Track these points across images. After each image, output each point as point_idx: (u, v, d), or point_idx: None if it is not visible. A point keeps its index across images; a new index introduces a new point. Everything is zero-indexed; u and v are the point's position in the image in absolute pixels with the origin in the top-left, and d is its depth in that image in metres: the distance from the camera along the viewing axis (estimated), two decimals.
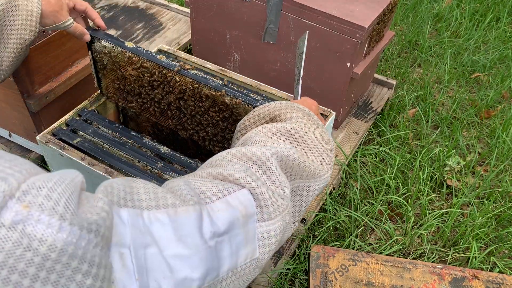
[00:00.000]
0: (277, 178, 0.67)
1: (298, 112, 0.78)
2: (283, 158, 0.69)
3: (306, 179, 0.74)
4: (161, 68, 1.18)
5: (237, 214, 0.60)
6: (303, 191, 0.75)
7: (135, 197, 0.54)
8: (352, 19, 1.48)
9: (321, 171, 0.76)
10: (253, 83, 1.47)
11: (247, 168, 0.65)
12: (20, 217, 0.39)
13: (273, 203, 0.64)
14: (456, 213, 1.58)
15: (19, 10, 0.98)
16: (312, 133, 0.76)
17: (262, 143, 0.71)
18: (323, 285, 1.31)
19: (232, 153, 0.68)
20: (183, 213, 0.55)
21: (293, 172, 0.72)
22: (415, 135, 1.97)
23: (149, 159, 1.23)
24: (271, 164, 0.67)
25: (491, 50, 2.45)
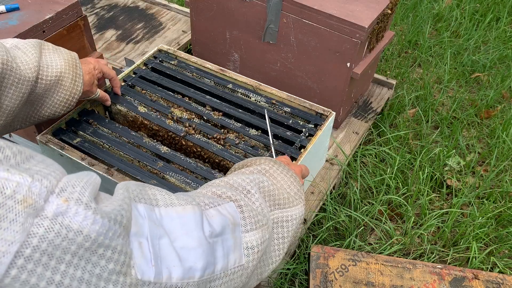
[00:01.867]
0: (256, 200, 0.76)
1: (266, 160, 0.91)
2: (260, 184, 0.79)
3: (283, 208, 0.83)
4: (169, 132, 1.32)
5: (227, 221, 0.68)
6: (283, 222, 0.82)
7: (148, 196, 0.62)
8: (352, 19, 1.48)
9: (294, 201, 0.85)
10: (253, 83, 1.47)
11: (231, 190, 0.75)
12: (61, 209, 0.46)
13: (254, 216, 0.72)
14: (456, 213, 1.58)
15: (63, 90, 1.08)
16: (280, 171, 0.88)
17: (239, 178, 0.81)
18: (323, 285, 1.31)
19: (217, 182, 0.79)
20: (189, 210, 0.63)
21: (270, 199, 0.81)
22: (415, 135, 1.97)
23: (149, 159, 1.23)
24: (250, 188, 0.77)
25: (491, 50, 2.45)
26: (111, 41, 2.15)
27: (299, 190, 0.89)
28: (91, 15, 2.28)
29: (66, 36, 1.36)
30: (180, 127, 1.33)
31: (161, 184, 1.17)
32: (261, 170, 0.86)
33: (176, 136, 1.32)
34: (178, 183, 1.19)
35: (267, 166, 0.88)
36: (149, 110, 1.37)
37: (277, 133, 1.35)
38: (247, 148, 1.29)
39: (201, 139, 1.30)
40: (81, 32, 1.40)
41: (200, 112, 1.38)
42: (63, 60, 1.06)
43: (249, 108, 1.41)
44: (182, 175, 1.20)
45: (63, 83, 1.06)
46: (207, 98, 1.44)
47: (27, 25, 1.24)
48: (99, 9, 2.34)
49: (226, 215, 0.69)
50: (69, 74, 1.07)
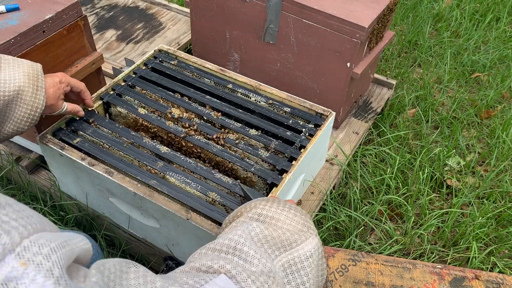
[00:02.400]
0: (253, 257, 0.64)
1: (261, 201, 0.79)
2: (251, 234, 0.68)
3: (290, 249, 0.70)
4: (169, 133, 1.33)
5: None
6: (296, 264, 0.69)
7: (124, 282, 0.52)
8: (352, 19, 1.48)
9: (301, 237, 0.72)
10: (253, 83, 1.47)
11: (220, 258, 0.63)
12: (15, 274, 0.38)
13: (254, 281, 0.60)
14: (456, 213, 1.58)
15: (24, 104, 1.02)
16: (275, 207, 0.76)
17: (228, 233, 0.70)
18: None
19: (204, 251, 0.67)
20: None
21: (270, 244, 0.69)
22: (415, 135, 1.97)
23: (149, 159, 1.23)
24: (242, 245, 0.65)
25: (491, 50, 2.45)
26: (111, 41, 2.15)
27: (305, 220, 0.76)
28: (91, 15, 2.29)
29: (66, 36, 1.36)
30: (180, 128, 1.33)
31: (162, 184, 1.17)
32: (252, 216, 0.75)
33: (176, 137, 1.32)
34: (178, 183, 1.19)
35: (258, 209, 0.76)
36: (149, 112, 1.37)
37: (277, 133, 1.35)
38: (247, 148, 1.29)
39: (201, 140, 1.30)
40: (81, 32, 1.40)
41: (200, 112, 1.38)
42: (22, 73, 1.02)
43: (249, 108, 1.41)
44: (182, 175, 1.20)
45: (23, 97, 1.01)
46: (207, 98, 1.44)
47: (27, 25, 1.24)
48: (99, 9, 2.34)
49: None
50: (29, 87, 1.02)
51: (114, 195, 1.25)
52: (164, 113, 1.37)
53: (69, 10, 1.33)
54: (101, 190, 1.27)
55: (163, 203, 1.13)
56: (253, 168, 1.23)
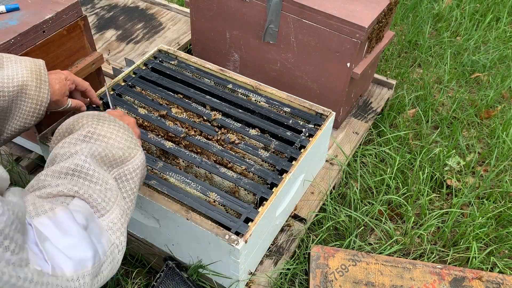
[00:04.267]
0: (97, 178, 0.79)
1: (88, 118, 0.90)
2: (93, 155, 0.81)
3: (122, 164, 0.86)
4: (169, 133, 1.33)
5: (86, 212, 0.74)
6: (126, 175, 0.86)
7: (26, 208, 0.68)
8: (352, 19, 1.48)
9: (130, 154, 0.88)
10: (253, 83, 1.47)
11: (68, 181, 0.77)
12: None
13: (103, 199, 0.77)
14: (456, 213, 1.58)
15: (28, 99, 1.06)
16: (106, 127, 0.88)
17: (67, 154, 0.81)
18: (323, 285, 1.31)
19: (49, 174, 0.78)
20: (60, 211, 0.69)
21: (107, 163, 0.84)
22: (415, 135, 1.97)
23: (149, 159, 1.23)
24: (87, 168, 0.78)
25: (491, 50, 2.45)
26: (111, 41, 2.15)
27: (133, 138, 0.91)
28: (91, 15, 2.28)
29: (66, 36, 1.36)
30: (180, 128, 1.33)
31: (162, 184, 1.17)
32: (86, 134, 0.87)
33: (176, 137, 1.32)
34: (178, 183, 1.19)
35: (91, 127, 0.88)
36: (149, 112, 1.37)
37: (277, 133, 1.35)
38: (247, 148, 1.29)
39: (200, 140, 1.30)
40: (81, 32, 1.40)
41: (200, 112, 1.38)
42: (25, 68, 1.04)
43: (249, 108, 1.41)
44: (182, 175, 1.20)
45: (27, 91, 1.04)
46: (207, 98, 1.44)
47: (27, 25, 1.24)
48: (99, 9, 2.34)
49: (78, 210, 0.73)
50: (33, 82, 1.05)
51: None
52: (165, 115, 1.37)
53: (69, 10, 1.33)
54: None
55: (163, 203, 1.13)
56: (253, 168, 1.23)
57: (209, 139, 1.32)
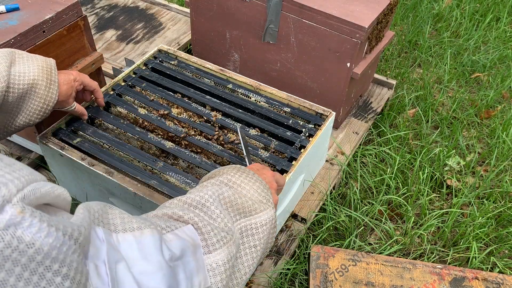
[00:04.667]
0: (218, 216, 0.73)
1: (229, 169, 0.88)
2: (219, 196, 0.77)
3: (250, 216, 0.80)
4: (169, 133, 1.32)
5: (187, 243, 0.66)
6: (252, 229, 0.80)
7: (108, 220, 0.61)
8: (352, 19, 1.48)
9: (260, 207, 0.82)
10: (253, 83, 1.47)
11: (189, 210, 0.73)
12: (14, 220, 0.43)
13: (216, 235, 0.70)
14: (456, 213, 1.58)
15: (37, 97, 1.06)
16: (244, 177, 0.85)
17: (198, 191, 0.79)
18: (323, 285, 1.31)
19: (175, 202, 0.76)
20: (148, 233, 0.61)
21: (234, 208, 0.78)
22: (415, 135, 1.97)
23: (149, 159, 1.23)
24: (209, 204, 0.74)
25: (491, 50, 2.45)
26: (111, 41, 2.15)
27: (266, 194, 0.86)
28: (91, 15, 2.28)
29: (66, 36, 1.36)
30: (180, 128, 1.33)
31: (162, 184, 1.17)
32: (223, 180, 0.84)
33: (176, 137, 1.32)
34: (178, 183, 1.19)
35: (229, 175, 0.85)
36: (149, 112, 1.37)
37: (277, 133, 1.35)
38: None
39: (200, 140, 1.30)
40: (81, 32, 1.40)
41: (200, 112, 1.38)
42: (36, 67, 1.05)
43: (249, 108, 1.41)
44: (182, 175, 1.20)
45: (37, 90, 1.05)
46: (207, 98, 1.44)
47: (27, 25, 1.24)
48: (99, 9, 2.34)
49: (185, 238, 0.67)
50: (43, 81, 1.05)
51: (114, 195, 1.25)
52: (165, 114, 1.37)
53: (69, 10, 1.33)
54: (101, 190, 1.27)
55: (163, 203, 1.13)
56: None
57: (209, 139, 1.32)
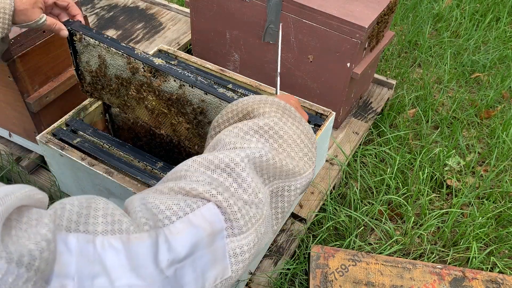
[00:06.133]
0: (249, 185, 0.60)
1: (272, 106, 0.71)
2: (256, 160, 0.63)
3: (286, 179, 0.68)
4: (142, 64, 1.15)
5: (201, 234, 0.54)
6: (284, 191, 0.68)
7: (90, 220, 0.49)
8: (352, 19, 1.48)
9: (302, 169, 0.69)
10: (253, 83, 1.47)
11: (213, 178, 0.59)
12: None
13: (244, 215, 0.58)
14: (456, 213, 1.58)
15: None
16: (289, 127, 0.70)
17: (232, 145, 0.65)
18: (323, 285, 1.31)
19: (198, 161, 0.62)
20: (136, 240, 0.50)
21: (270, 173, 0.66)
22: (415, 135, 1.97)
23: (149, 159, 1.23)
24: (241, 170, 0.60)
25: (491, 50, 2.45)
26: None
27: (310, 150, 0.72)
28: (91, 15, 2.28)
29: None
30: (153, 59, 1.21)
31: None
32: (263, 126, 0.67)
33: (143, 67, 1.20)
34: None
35: (274, 118, 0.69)
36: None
37: None
38: None
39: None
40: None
41: None
42: None
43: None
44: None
45: None
46: None
47: None
48: (99, 9, 2.34)
49: (200, 224, 0.55)
50: None
51: (114, 195, 1.25)
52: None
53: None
54: (101, 190, 1.27)
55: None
56: None
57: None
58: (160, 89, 1.12)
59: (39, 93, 1.35)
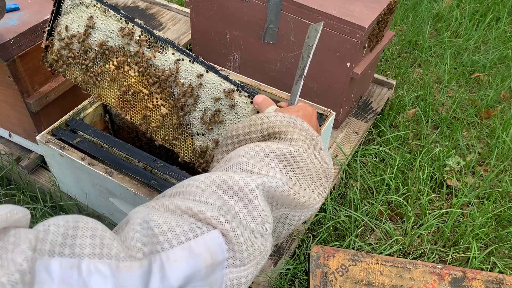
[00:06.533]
0: (259, 214, 0.58)
1: (301, 133, 0.68)
2: (270, 189, 0.61)
3: (293, 209, 0.67)
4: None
5: (199, 265, 0.52)
6: (287, 219, 0.67)
7: (77, 241, 0.46)
8: (352, 19, 1.48)
9: (312, 202, 0.68)
10: (253, 83, 1.47)
11: (224, 201, 0.57)
12: None
13: (249, 247, 0.56)
14: (456, 213, 1.58)
15: None
16: (311, 160, 0.68)
17: (250, 167, 0.63)
18: (323, 285, 1.31)
19: (212, 179, 0.59)
20: (125, 269, 0.47)
21: (279, 202, 0.65)
22: (415, 135, 1.97)
23: (149, 159, 1.23)
24: (254, 197, 0.58)
25: (491, 50, 2.45)
26: None
27: (323, 184, 0.70)
28: None
29: None
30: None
31: (162, 184, 1.17)
32: (286, 154, 0.65)
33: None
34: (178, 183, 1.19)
35: (300, 149, 0.66)
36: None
37: None
38: None
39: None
40: None
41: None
42: None
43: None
44: (182, 175, 1.20)
45: None
46: None
47: (27, 25, 1.24)
48: None
49: (200, 253, 0.52)
50: None
51: (114, 195, 1.25)
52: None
53: None
54: (101, 190, 1.27)
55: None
56: None
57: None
58: (151, 62, 1.06)
59: (39, 93, 1.35)
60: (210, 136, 1.08)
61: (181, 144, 1.11)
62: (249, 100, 1.01)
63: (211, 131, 1.07)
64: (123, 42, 1.08)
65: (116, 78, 1.11)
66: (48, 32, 1.15)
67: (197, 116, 1.07)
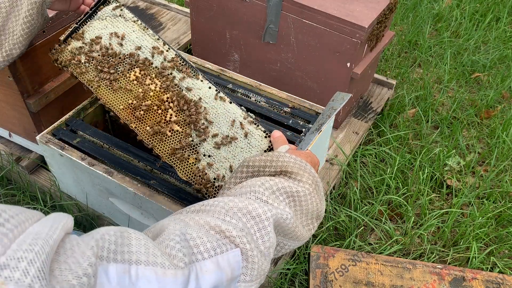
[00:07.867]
0: (269, 239, 0.68)
1: (309, 178, 0.80)
2: (280, 220, 0.71)
3: (289, 239, 0.78)
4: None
5: (223, 278, 0.61)
6: (279, 246, 0.78)
7: (125, 249, 0.53)
8: (352, 19, 1.48)
9: (304, 236, 0.80)
10: (253, 83, 1.47)
11: (244, 224, 0.66)
12: None
13: (260, 266, 0.66)
14: (456, 213, 1.58)
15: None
16: (311, 202, 0.79)
17: (265, 197, 0.73)
18: (323, 285, 1.31)
19: (235, 202, 0.69)
20: (171, 276, 0.54)
21: (281, 231, 0.75)
22: (415, 135, 1.97)
23: (149, 159, 1.23)
24: (268, 224, 0.68)
25: (491, 50, 2.45)
26: None
27: (314, 224, 0.83)
28: None
29: None
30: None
31: (162, 184, 1.17)
32: (295, 192, 0.76)
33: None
34: (178, 183, 1.19)
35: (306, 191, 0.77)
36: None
37: None
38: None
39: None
40: None
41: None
42: None
43: (249, 108, 1.41)
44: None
45: None
46: None
47: None
48: None
49: (224, 268, 0.61)
50: None
51: (114, 195, 1.25)
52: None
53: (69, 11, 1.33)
54: (101, 190, 1.27)
55: (163, 203, 1.13)
56: None
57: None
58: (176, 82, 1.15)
59: (39, 93, 1.35)
60: (217, 159, 1.09)
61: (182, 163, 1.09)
62: (264, 134, 1.10)
63: (218, 155, 1.09)
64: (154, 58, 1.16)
65: (133, 87, 1.13)
66: (73, 29, 1.18)
67: (210, 139, 1.10)
